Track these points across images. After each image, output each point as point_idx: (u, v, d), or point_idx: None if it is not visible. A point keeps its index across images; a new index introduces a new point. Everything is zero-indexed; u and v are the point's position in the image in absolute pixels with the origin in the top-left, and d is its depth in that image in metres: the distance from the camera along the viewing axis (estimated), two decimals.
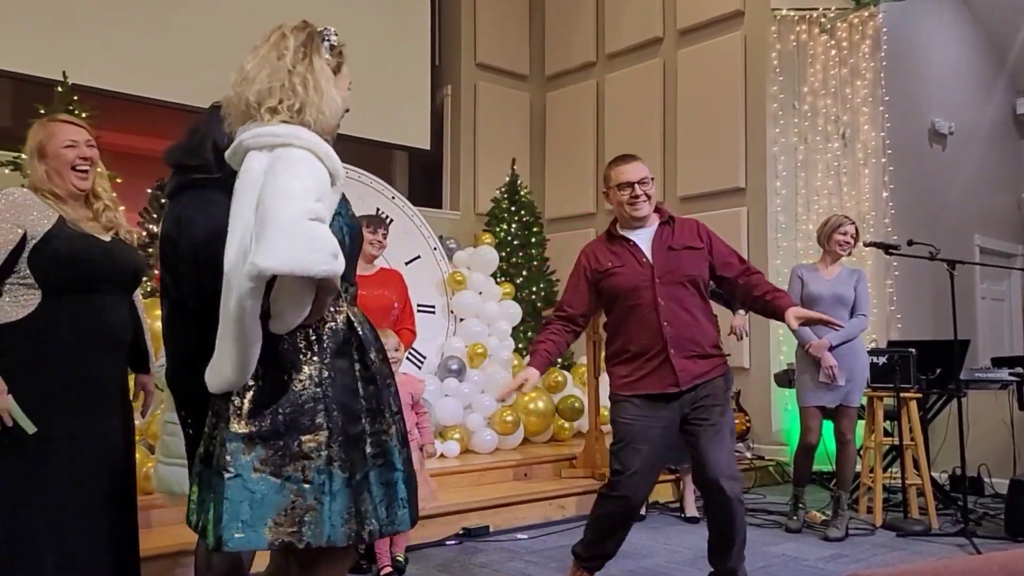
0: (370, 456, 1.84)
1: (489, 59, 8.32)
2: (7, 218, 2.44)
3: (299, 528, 1.75)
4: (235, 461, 1.76)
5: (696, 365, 3.03)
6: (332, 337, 1.85)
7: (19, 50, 5.77)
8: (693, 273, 3.09)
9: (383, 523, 1.83)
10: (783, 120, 6.63)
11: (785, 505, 4.90)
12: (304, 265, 1.64)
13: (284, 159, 1.75)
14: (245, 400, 1.80)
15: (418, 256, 6.34)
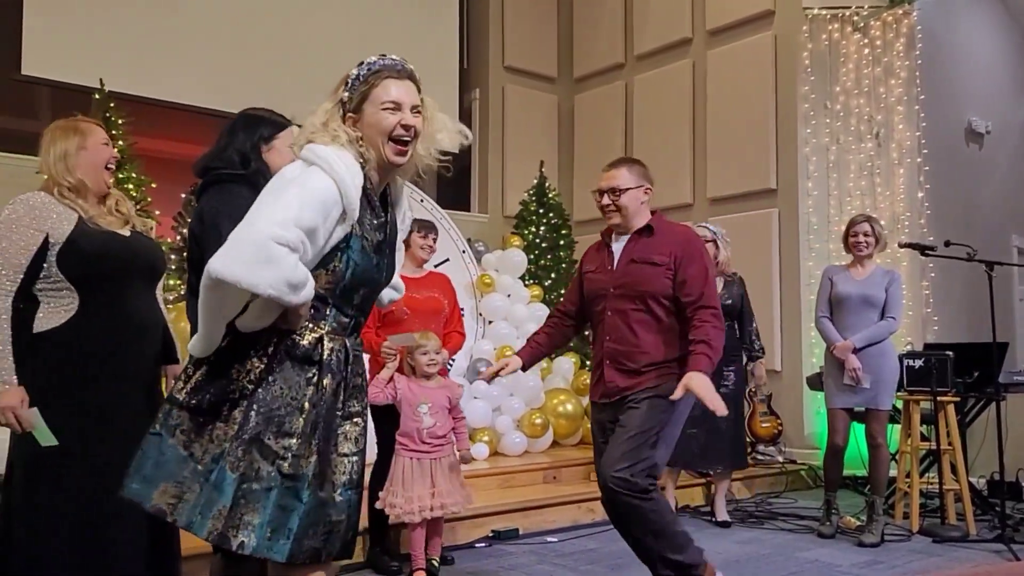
0: (282, 474, 1.84)
1: (517, 62, 8.33)
2: (28, 223, 2.46)
3: (176, 503, 1.83)
4: (164, 421, 1.91)
5: (624, 379, 3.01)
6: (290, 349, 1.90)
7: (57, 59, 5.89)
8: (645, 289, 3.00)
9: (260, 543, 1.80)
10: (815, 120, 6.55)
11: (817, 510, 4.84)
12: (251, 281, 1.72)
13: (302, 179, 1.85)
14: (196, 372, 1.92)
15: (447, 259, 6.35)
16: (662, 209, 7.91)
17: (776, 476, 5.99)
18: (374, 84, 1.99)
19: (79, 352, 2.49)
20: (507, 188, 8.16)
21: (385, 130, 1.98)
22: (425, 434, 3.58)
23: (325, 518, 1.89)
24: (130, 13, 6.22)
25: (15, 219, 2.45)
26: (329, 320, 1.95)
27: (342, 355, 1.98)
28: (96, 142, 2.63)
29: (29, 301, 2.47)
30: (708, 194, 7.21)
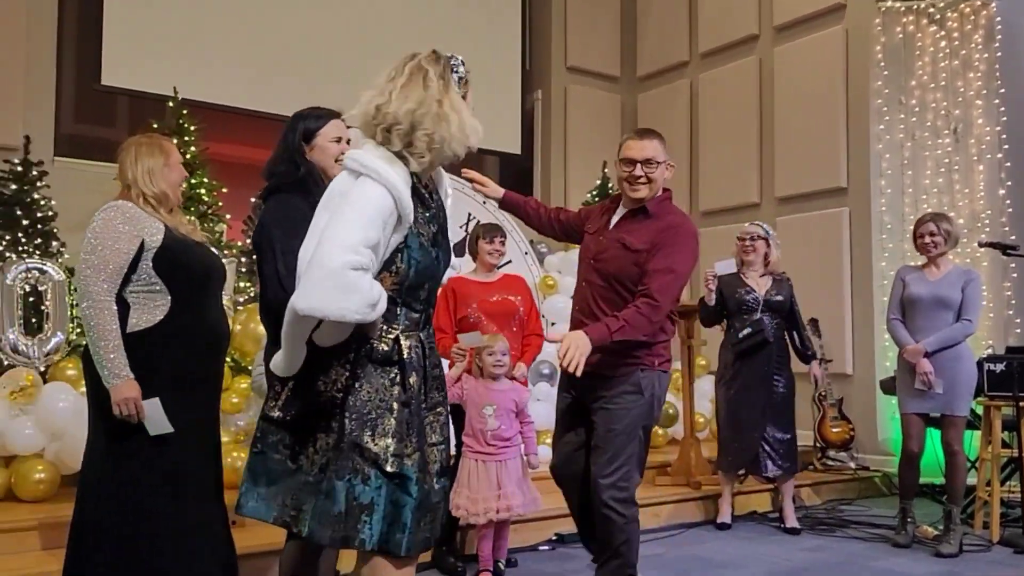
0: (387, 474, 1.91)
1: (579, 62, 8.30)
2: (126, 229, 2.59)
3: (297, 514, 1.93)
4: (264, 439, 2.01)
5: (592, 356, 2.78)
6: (371, 354, 1.96)
7: (133, 68, 6.10)
8: (613, 272, 2.92)
9: (378, 537, 1.88)
10: (888, 116, 6.36)
11: (891, 518, 4.70)
12: (337, 312, 1.80)
13: (357, 193, 1.88)
14: (284, 388, 2.02)
15: (509, 260, 6.35)
16: (728, 209, 7.86)
17: (847, 483, 5.83)
18: (469, 89, 2.09)
19: (170, 352, 2.61)
20: (569, 188, 8.13)
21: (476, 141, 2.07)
22: (490, 436, 3.58)
23: (430, 508, 1.99)
24: (202, 23, 6.41)
25: (113, 225, 2.57)
26: (400, 319, 2.01)
27: (419, 350, 2.05)
28: (176, 160, 2.79)
29: (120, 304, 2.59)
30: (776, 193, 7.07)
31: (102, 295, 2.52)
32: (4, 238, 4.82)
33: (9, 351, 4.27)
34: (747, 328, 4.66)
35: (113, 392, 2.49)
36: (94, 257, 2.54)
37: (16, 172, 5.01)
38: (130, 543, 2.54)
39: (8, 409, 3.99)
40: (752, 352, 4.66)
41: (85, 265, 2.54)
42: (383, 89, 1.99)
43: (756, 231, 4.84)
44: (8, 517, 3.65)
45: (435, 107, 1.94)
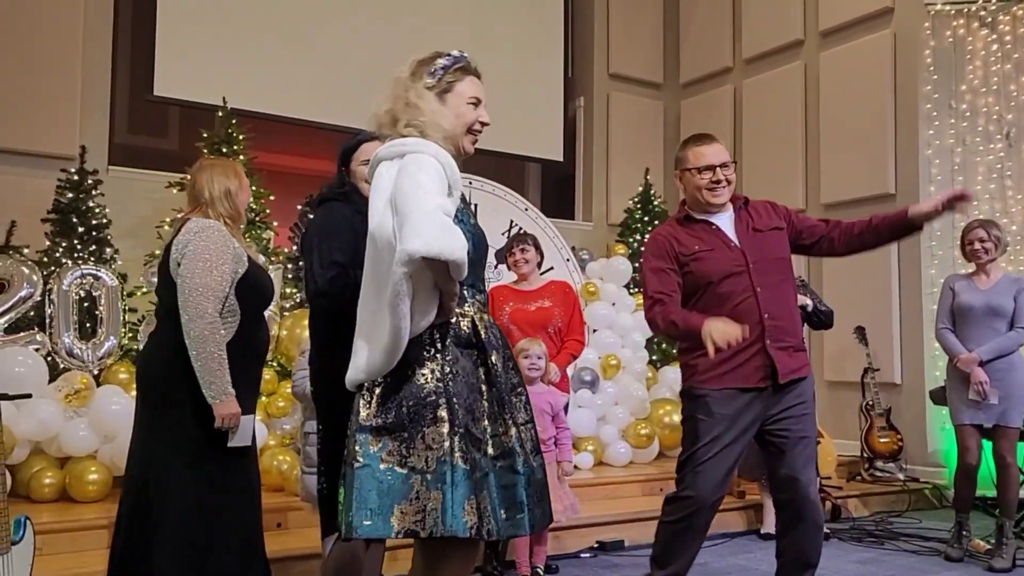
0: (491, 457, 1.90)
1: (622, 69, 8.29)
2: (230, 253, 2.71)
3: (422, 517, 1.82)
4: (364, 452, 1.88)
5: (792, 358, 2.80)
6: (455, 338, 1.95)
7: (184, 79, 6.24)
8: (782, 255, 2.90)
9: (501, 525, 1.87)
10: (938, 121, 6.24)
11: (942, 531, 4.59)
12: (446, 248, 1.76)
13: (414, 162, 1.90)
14: (374, 395, 1.92)
15: (551, 267, 6.36)
16: None
17: (897, 494, 5.71)
18: (460, 78, 2.09)
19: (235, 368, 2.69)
20: (612, 196, 8.12)
21: (468, 123, 2.08)
22: None
23: (538, 484, 1.98)
24: (251, 35, 6.54)
25: (219, 249, 2.68)
26: (470, 300, 2.01)
27: (495, 330, 2.06)
28: (246, 184, 2.93)
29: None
30: (821, 199, 6.97)
31: (215, 315, 2.62)
32: (60, 245, 4.96)
33: (64, 354, 4.40)
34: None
35: (219, 407, 2.60)
36: (204, 278, 2.62)
37: (72, 181, 5.15)
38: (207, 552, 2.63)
39: (63, 411, 4.11)
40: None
41: (196, 285, 2.60)
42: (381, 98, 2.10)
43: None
44: (63, 517, 3.76)
45: (405, 98, 2.03)
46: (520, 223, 6.23)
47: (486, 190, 6.11)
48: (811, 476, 2.81)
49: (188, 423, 2.64)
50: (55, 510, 3.90)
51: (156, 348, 2.78)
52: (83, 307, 4.61)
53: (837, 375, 6.60)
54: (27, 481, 4.05)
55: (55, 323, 4.40)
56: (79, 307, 4.55)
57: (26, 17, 5.57)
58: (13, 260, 4.35)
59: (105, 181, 5.36)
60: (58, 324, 4.40)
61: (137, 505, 2.67)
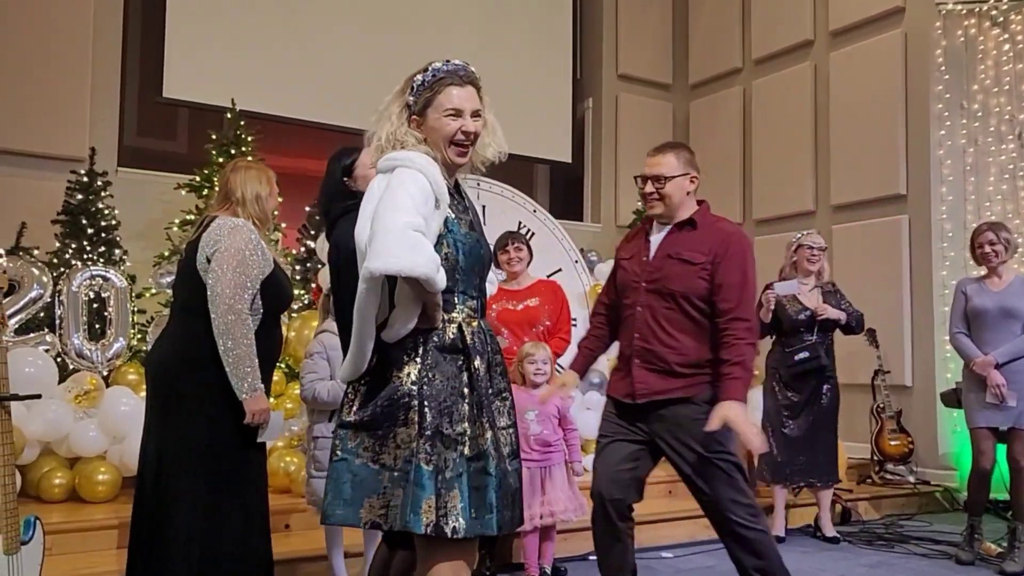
0: (466, 458, 1.97)
1: (631, 70, 8.28)
2: (260, 253, 2.75)
3: (386, 511, 1.96)
4: (343, 446, 2.03)
5: (660, 380, 2.76)
6: (438, 343, 2.02)
7: (193, 81, 6.26)
8: (676, 288, 2.78)
9: (469, 523, 1.94)
10: (949, 121, 6.20)
11: (953, 534, 4.56)
12: (409, 265, 1.85)
13: (399, 178, 1.98)
14: (357, 394, 2.06)
15: (559, 269, 6.35)
16: (783, 217, 7.75)
17: (907, 497, 5.67)
18: (438, 91, 2.10)
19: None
20: (620, 197, 8.10)
21: (447, 136, 2.10)
22: (532, 440, 3.58)
23: (509, 488, 2.04)
24: (259, 37, 6.55)
25: (252, 248, 2.72)
26: (459, 307, 2.07)
27: (482, 336, 2.10)
28: (275, 192, 2.97)
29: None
30: (831, 201, 6.94)
31: (246, 312, 2.66)
32: (70, 246, 4.98)
33: (74, 355, 4.41)
34: (804, 352, 4.66)
35: (250, 403, 2.65)
36: (238, 275, 2.66)
37: (82, 183, 5.17)
38: (213, 549, 2.66)
39: (73, 412, 4.12)
40: (808, 373, 4.69)
41: (231, 281, 2.64)
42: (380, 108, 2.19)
43: (820, 242, 4.83)
44: (73, 517, 3.77)
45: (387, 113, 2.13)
46: (528, 224, 6.22)
47: (494, 191, 6.10)
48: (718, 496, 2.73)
49: (198, 419, 2.65)
50: (65, 510, 3.91)
51: (168, 343, 2.80)
52: (92, 308, 4.63)
53: (848, 377, 6.52)
54: (37, 481, 4.07)
55: (65, 324, 4.42)
56: (88, 308, 4.57)
57: (36, 20, 5.59)
58: (23, 261, 4.37)
59: (114, 183, 5.39)
60: (68, 325, 4.41)
61: (148, 501, 2.70)
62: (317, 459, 3.26)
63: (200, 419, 2.66)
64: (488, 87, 2.19)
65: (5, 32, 5.48)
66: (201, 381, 2.65)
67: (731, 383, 2.66)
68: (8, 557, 2.56)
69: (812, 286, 4.76)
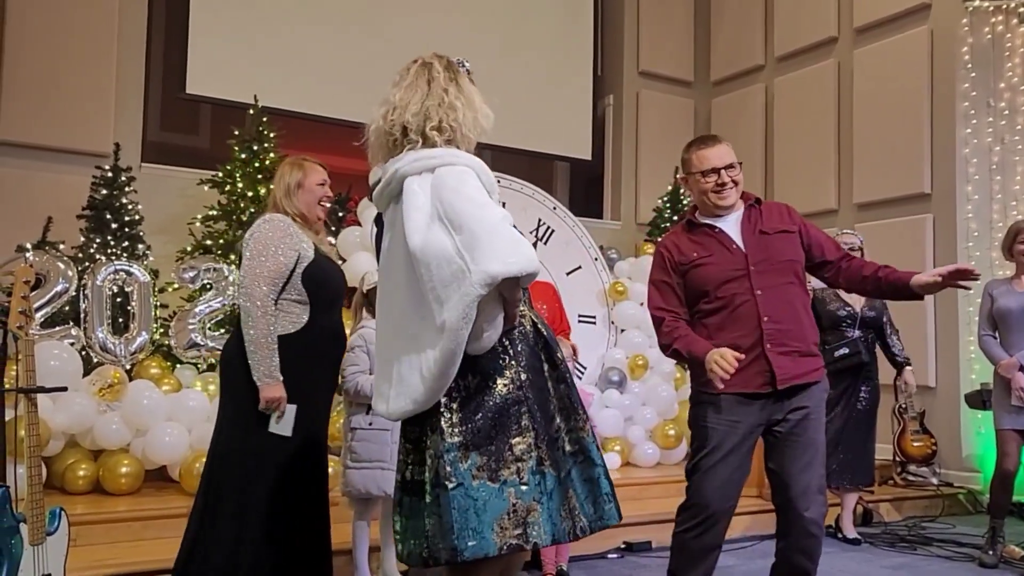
0: (569, 454, 1.90)
1: (652, 66, 8.24)
2: (288, 243, 2.79)
3: (524, 530, 1.79)
4: (455, 471, 1.82)
5: (796, 364, 2.68)
6: (523, 341, 1.93)
7: (216, 78, 6.30)
8: (791, 257, 2.76)
9: (591, 519, 1.88)
10: (976, 119, 6.13)
11: (977, 537, 4.51)
12: (525, 263, 1.74)
13: (453, 175, 1.85)
14: (454, 411, 1.87)
15: (579, 266, 6.34)
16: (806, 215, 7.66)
17: (930, 499, 5.62)
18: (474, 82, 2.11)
19: (301, 361, 2.78)
20: (640, 195, 8.07)
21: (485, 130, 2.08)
22: None
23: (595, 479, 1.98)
24: (282, 34, 6.58)
25: (276, 238, 2.78)
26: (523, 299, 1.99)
27: (545, 326, 2.05)
28: (313, 182, 2.94)
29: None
30: (854, 199, 6.87)
31: (264, 299, 2.71)
32: (95, 241, 5.03)
33: (98, 349, 4.46)
34: (844, 348, 4.55)
35: (264, 390, 2.69)
36: (257, 264, 2.73)
37: (106, 178, 5.22)
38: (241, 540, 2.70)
39: (97, 405, 4.17)
40: (844, 371, 4.57)
41: (250, 269, 2.72)
42: (389, 98, 2.03)
43: (855, 241, 4.64)
44: (95, 509, 3.81)
45: (441, 97, 1.97)
46: (548, 222, 6.22)
47: (514, 188, 6.09)
48: (805, 487, 2.66)
49: (243, 406, 2.74)
50: (88, 502, 3.96)
51: (232, 336, 2.90)
52: (116, 303, 4.67)
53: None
54: (62, 473, 4.12)
55: (89, 318, 4.46)
56: (112, 302, 4.61)
57: (61, 16, 5.65)
58: (49, 256, 4.42)
59: (138, 178, 5.43)
60: (92, 319, 4.46)
61: (203, 482, 2.83)
62: (354, 450, 3.30)
63: (243, 405, 2.74)
64: (509, 84, 2.23)
65: (31, 28, 5.54)
66: (239, 372, 2.73)
67: (895, 270, 2.74)
68: (34, 547, 2.59)
69: None
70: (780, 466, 2.71)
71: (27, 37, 5.53)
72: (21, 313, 2.75)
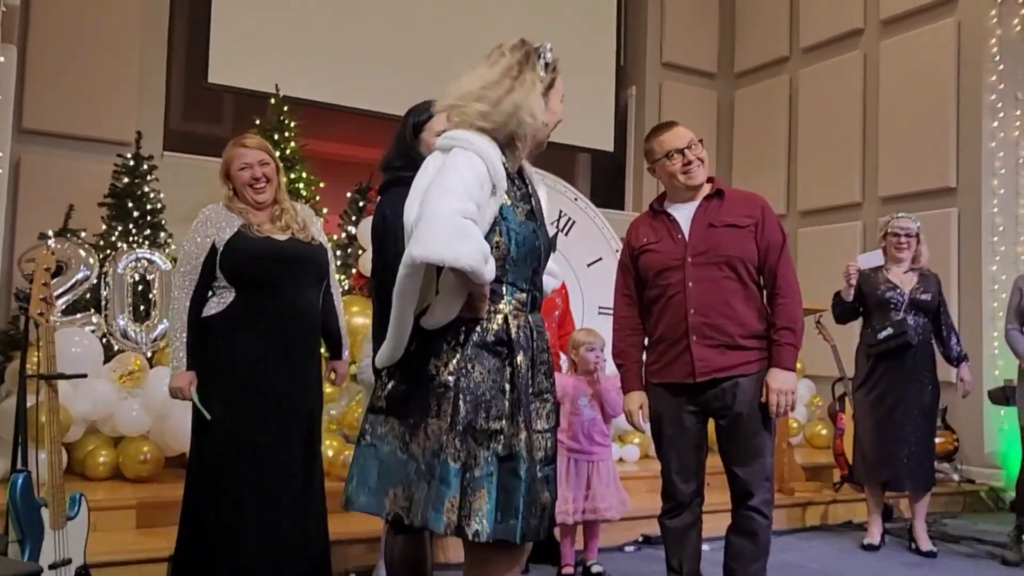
0: (498, 457, 1.87)
1: (675, 58, 8.17)
2: (201, 232, 2.86)
3: (409, 504, 1.87)
4: (372, 431, 1.99)
5: (723, 356, 2.71)
6: (482, 335, 1.93)
7: (238, 67, 6.32)
8: (731, 253, 2.75)
9: (493, 528, 1.83)
10: (1003, 113, 6.03)
11: (1000, 535, 4.45)
12: (452, 256, 1.75)
13: (454, 159, 1.89)
14: (392, 379, 1.99)
15: (600, 258, 6.31)
16: (829, 208, 7.59)
17: (951, 496, 5.56)
18: (559, 74, 2.07)
19: (228, 337, 2.81)
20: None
21: (557, 120, 2.09)
22: (587, 425, 3.56)
23: (537, 496, 1.93)
24: (303, 23, 6.59)
25: (193, 229, 2.88)
26: (507, 299, 1.99)
27: (528, 331, 2.01)
28: (235, 168, 2.94)
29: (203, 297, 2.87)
30: (879, 192, 6.79)
31: (179, 290, 2.82)
32: (116, 229, 5.06)
33: (119, 336, 4.49)
34: (887, 328, 4.24)
35: (171, 378, 2.83)
36: (180, 255, 2.88)
37: (128, 166, 5.24)
38: (194, 525, 2.79)
39: (117, 392, 4.20)
40: (892, 355, 4.25)
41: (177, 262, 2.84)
42: (468, 79, 2.01)
43: (911, 227, 4.39)
44: (114, 495, 3.84)
45: (513, 94, 1.95)
46: (570, 213, 6.19)
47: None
48: (749, 475, 2.74)
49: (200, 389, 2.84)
50: (108, 488, 3.99)
51: None
52: (137, 290, 4.70)
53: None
54: (83, 459, 4.16)
55: (110, 305, 4.49)
56: (133, 290, 4.64)
57: (85, 5, 5.68)
58: (71, 243, 4.45)
59: (160, 167, 5.45)
60: (113, 306, 4.49)
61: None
62: None
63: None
64: None
65: (55, 17, 5.57)
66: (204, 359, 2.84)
67: (783, 349, 2.71)
68: (55, 532, 2.62)
69: (907, 269, 4.40)
70: (726, 455, 2.83)
71: (51, 26, 5.55)
72: (42, 300, 2.78)
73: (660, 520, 2.95)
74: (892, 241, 4.42)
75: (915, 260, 4.43)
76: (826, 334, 5.20)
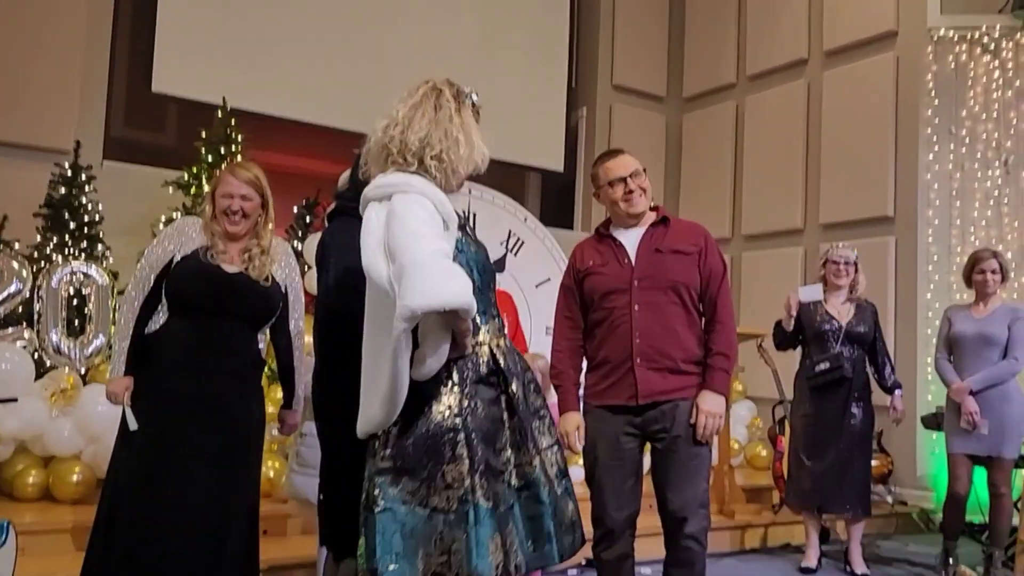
0: (515, 488, 1.87)
1: (626, 80, 8.28)
2: (169, 241, 2.81)
3: (447, 559, 1.79)
4: (384, 494, 1.83)
5: (664, 380, 2.76)
6: (474, 368, 1.91)
7: (184, 76, 6.20)
8: (677, 279, 2.81)
9: (530, 557, 1.84)
10: (937, 146, 6.25)
11: (929, 556, 4.59)
12: (451, 297, 1.71)
13: (403, 204, 1.85)
14: (389, 435, 1.88)
15: (548, 279, 6.33)
16: (771, 233, 7.73)
17: (885, 517, 5.69)
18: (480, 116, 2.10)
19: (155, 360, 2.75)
20: None
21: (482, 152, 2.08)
22: None
23: (563, 513, 1.93)
24: (251, 34, 6.50)
25: (165, 235, 2.84)
26: (484, 328, 1.98)
27: (513, 356, 2.02)
28: (220, 194, 2.90)
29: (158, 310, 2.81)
30: (820, 220, 6.96)
31: (131, 294, 2.79)
32: (51, 240, 4.91)
33: (52, 351, 4.35)
34: (824, 363, 4.38)
35: (107, 382, 2.81)
36: (143, 257, 2.82)
37: (65, 176, 5.09)
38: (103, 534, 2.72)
39: (49, 410, 4.06)
40: (828, 387, 4.40)
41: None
42: (393, 113, 2.01)
43: (849, 256, 4.53)
44: (45, 518, 3.71)
45: (447, 128, 1.97)
46: (519, 233, 6.21)
47: (485, 199, 6.07)
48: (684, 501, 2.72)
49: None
50: (38, 510, 3.86)
51: None
52: (72, 305, 4.56)
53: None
54: (11, 479, 4.01)
55: (43, 320, 4.35)
56: (68, 304, 4.50)
57: (28, 8, 5.52)
58: (3, 255, 4.31)
59: (99, 176, 5.30)
60: (46, 321, 4.34)
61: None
62: (301, 455, 3.25)
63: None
64: (483, 93, 2.18)
65: None
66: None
67: (716, 374, 2.77)
68: None
69: (844, 299, 4.52)
70: (661, 480, 2.81)
71: None
72: None
73: (594, 551, 2.88)
74: (831, 269, 4.54)
75: (852, 288, 4.55)
76: (767, 358, 5.30)
